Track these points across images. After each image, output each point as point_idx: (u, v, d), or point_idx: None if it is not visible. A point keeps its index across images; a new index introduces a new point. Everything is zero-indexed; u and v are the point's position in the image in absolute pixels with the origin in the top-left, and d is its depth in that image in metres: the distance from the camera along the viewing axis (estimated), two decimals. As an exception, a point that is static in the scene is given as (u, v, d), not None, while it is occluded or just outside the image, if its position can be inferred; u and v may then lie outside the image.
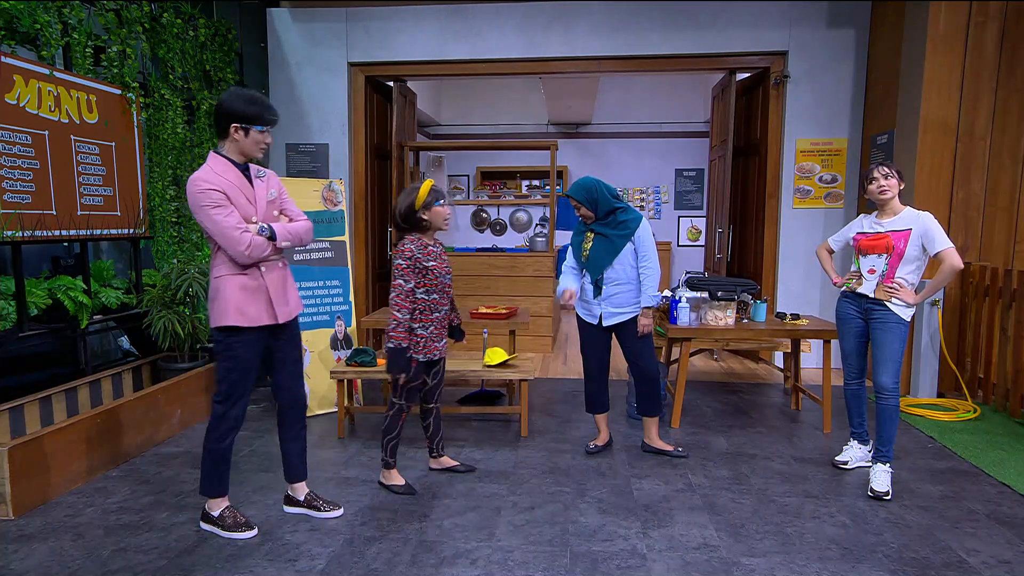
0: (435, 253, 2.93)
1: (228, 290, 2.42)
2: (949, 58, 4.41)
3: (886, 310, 3.02)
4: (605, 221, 3.28)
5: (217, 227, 2.34)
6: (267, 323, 2.50)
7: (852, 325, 3.19)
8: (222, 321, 2.43)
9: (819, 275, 5.48)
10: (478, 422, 4.04)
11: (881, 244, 3.03)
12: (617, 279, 3.27)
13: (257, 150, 2.47)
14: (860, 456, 3.29)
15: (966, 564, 2.38)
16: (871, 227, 3.11)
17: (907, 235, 2.98)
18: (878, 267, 3.06)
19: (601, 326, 3.35)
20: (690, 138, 9.09)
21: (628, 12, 5.41)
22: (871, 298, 3.07)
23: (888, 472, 3.00)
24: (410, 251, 2.85)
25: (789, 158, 5.41)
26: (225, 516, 2.59)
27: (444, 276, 2.95)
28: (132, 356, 4.37)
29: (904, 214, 3.04)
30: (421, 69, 5.78)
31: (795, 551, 2.47)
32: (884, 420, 3.01)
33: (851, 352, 3.23)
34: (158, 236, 4.42)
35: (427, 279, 2.88)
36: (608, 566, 2.35)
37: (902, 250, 2.98)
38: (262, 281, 2.48)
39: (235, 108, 2.38)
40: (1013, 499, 2.94)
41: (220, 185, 2.36)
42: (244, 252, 2.37)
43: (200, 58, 4.81)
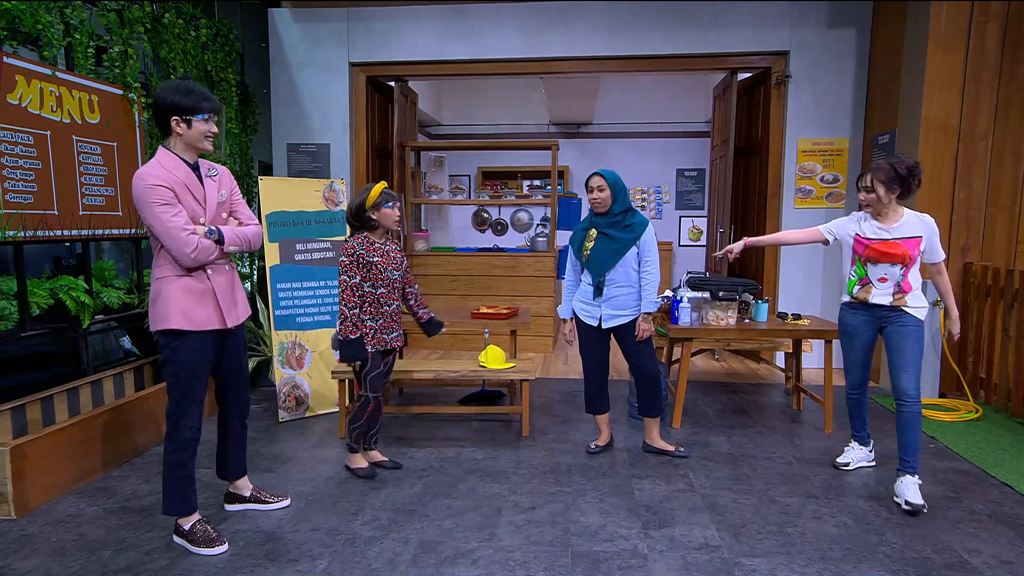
0: (381, 250, 3.06)
1: (171, 292, 2.33)
2: (950, 58, 4.41)
3: (904, 314, 2.93)
4: (613, 220, 3.24)
5: (163, 226, 2.24)
6: (216, 327, 2.42)
7: (862, 336, 3.07)
8: (164, 324, 2.33)
9: (821, 275, 5.48)
10: (479, 422, 4.04)
11: (897, 254, 2.89)
12: (619, 281, 3.26)
13: (203, 140, 2.36)
14: (861, 457, 3.27)
15: (968, 564, 2.38)
16: (875, 232, 2.96)
17: (918, 242, 2.89)
18: (892, 276, 2.94)
19: (600, 328, 3.35)
20: (691, 138, 9.09)
21: (629, 12, 5.41)
22: (887, 306, 2.96)
23: (918, 483, 2.85)
24: (352, 248, 2.99)
25: (790, 158, 5.40)
26: (196, 530, 2.47)
27: (390, 271, 3.06)
28: (134, 356, 4.37)
29: (910, 219, 2.93)
30: (422, 69, 5.79)
31: (796, 551, 2.47)
32: (908, 427, 2.86)
33: (857, 363, 3.13)
34: (159, 236, 4.42)
35: (371, 274, 3.00)
36: (609, 566, 2.35)
37: (916, 258, 2.90)
38: (208, 284, 2.40)
39: (170, 100, 2.28)
40: (1015, 499, 2.94)
41: (168, 181, 2.26)
42: (190, 254, 2.28)
43: (202, 58, 4.81)
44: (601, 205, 3.26)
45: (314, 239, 4.25)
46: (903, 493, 2.82)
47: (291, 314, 4.15)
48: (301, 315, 4.18)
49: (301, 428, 3.93)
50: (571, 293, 3.45)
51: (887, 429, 3.91)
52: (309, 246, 4.22)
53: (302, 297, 4.18)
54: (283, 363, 4.11)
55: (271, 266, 4.11)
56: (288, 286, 4.14)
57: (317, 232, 4.26)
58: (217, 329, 2.44)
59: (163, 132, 2.37)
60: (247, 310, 2.62)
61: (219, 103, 2.42)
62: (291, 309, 4.15)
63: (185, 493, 2.48)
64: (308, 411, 4.17)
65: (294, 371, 4.13)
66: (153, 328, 2.37)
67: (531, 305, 6.04)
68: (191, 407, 2.42)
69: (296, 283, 4.16)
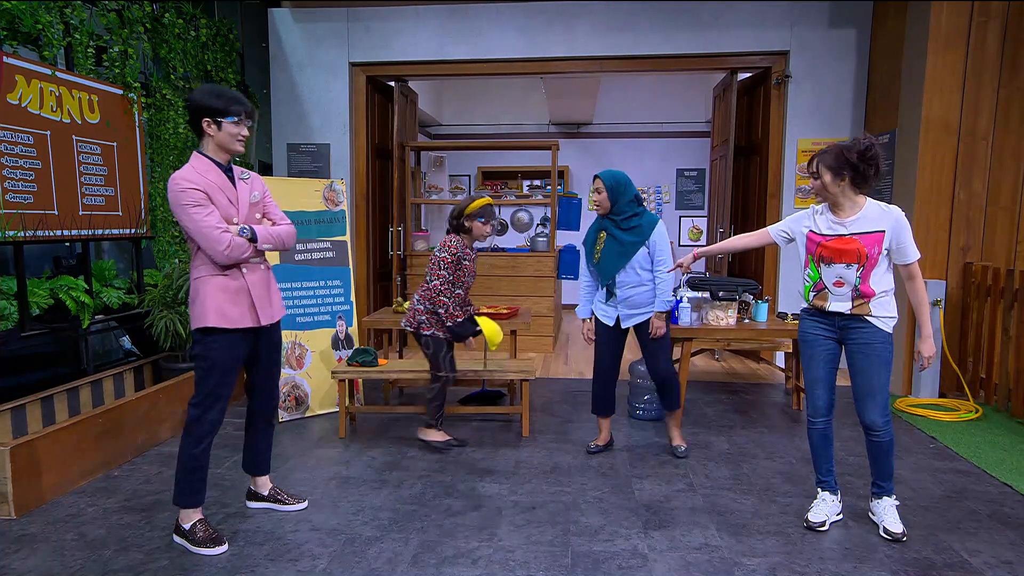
0: (470, 256, 3.48)
1: (208, 291, 2.38)
2: (951, 58, 4.41)
3: (866, 326, 2.52)
4: (618, 222, 3.23)
5: (196, 226, 2.31)
6: (250, 325, 2.46)
7: (821, 348, 2.64)
8: (201, 323, 2.38)
9: (820, 275, 5.47)
10: (479, 422, 4.04)
11: (851, 251, 2.47)
12: (629, 282, 3.25)
13: (234, 143, 2.41)
14: (834, 510, 2.71)
15: (968, 564, 2.37)
16: (829, 227, 2.54)
17: (880, 238, 2.46)
18: (848, 278, 2.50)
19: (618, 327, 3.34)
20: (691, 138, 9.08)
21: (629, 12, 5.41)
22: (845, 315, 2.55)
23: (895, 506, 2.62)
24: (455, 248, 3.37)
25: (790, 158, 5.40)
26: (196, 529, 2.47)
27: (468, 277, 3.49)
28: (134, 356, 4.38)
29: (871, 211, 2.49)
30: (422, 69, 5.79)
31: (796, 551, 2.47)
32: (879, 457, 2.60)
33: (819, 381, 2.65)
34: (159, 236, 4.42)
35: (458, 274, 3.38)
36: (609, 566, 2.35)
37: (876, 257, 2.47)
38: (243, 282, 2.45)
39: (203, 103, 2.34)
40: (1015, 499, 2.94)
41: (201, 184, 2.33)
42: (223, 251, 2.33)
43: (202, 58, 4.81)
44: (600, 208, 3.27)
45: (314, 239, 4.24)
46: (882, 519, 2.60)
47: (291, 314, 4.15)
48: (301, 315, 4.17)
49: (301, 428, 3.93)
50: (588, 293, 3.45)
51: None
52: (309, 246, 4.22)
53: (302, 297, 4.18)
54: (283, 363, 4.11)
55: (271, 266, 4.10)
56: (288, 286, 4.14)
57: (317, 232, 4.26)
58: (252, 327, 2.48)
59: (197, 134, 2.43)
60: (282, 309, 2.66)
61: (252, 106, 2.46)
62: (291, 309, 4.15)
63: (196, 485, 2.50)
64: (308, 411, 4.17)
65: (294, 371, 4.13)
66: (192, 326, 2.44)
67: (531, 305, 6.03)
68: (216, 403, 2.46)
69: (296, 283, 4.16)
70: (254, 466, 2.80)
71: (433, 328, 3.41)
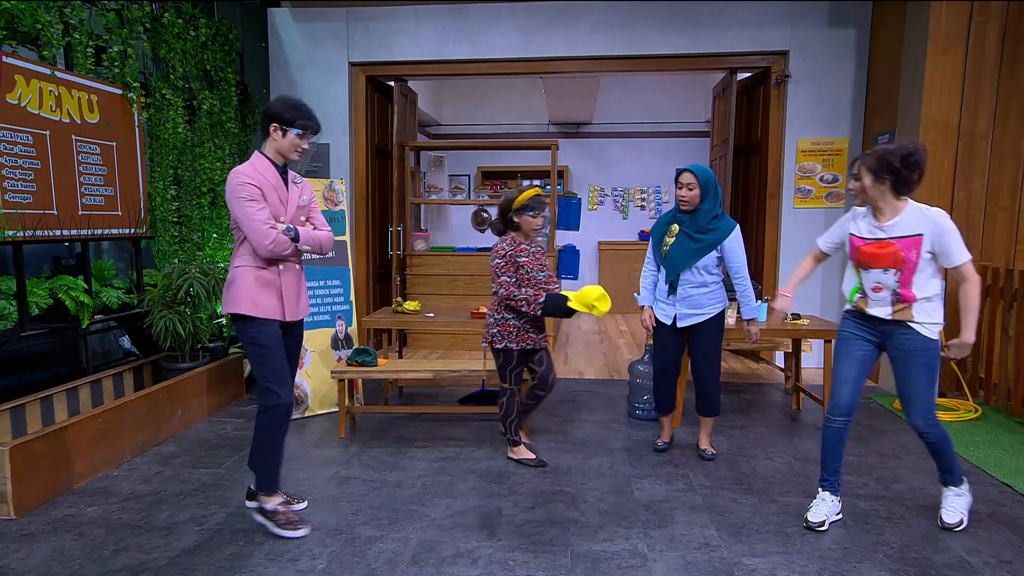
0: (528, 251, 3.22)
1: (244, 280, 2.53)
2: (950, 58, 4.41)
3: (908, 332, 2.50)
4: (697, 219, 3.18)
5: (248, 219, 2.46)
6: (277, 318, 2.59)
7: (856, 349, 2.63)
8: (234, 308, 2.53)
9: (820, 275, 5.48)
10: (479, 422, 4.04)
11: (887, 256, 2.45)
12: (693, 281, 3.22)
13: (293, 151, 2.57)
14: (832, 510, 2.69)
15: (967, 564, 2.38)
16: (869, 231, 2.53)
17: (918, 242, 2.42)
18: (886, 284, 2.49)
19: (675, 326, 3.32)
20: (691, 138, 9.09)
21: (629, 12, 5.41)
22: (887, 320, 2.54)
23: (960, 495, 2.65)
24: (503, 250, 3.17)
25: (790, 158, 5.40)
26: (279, 512, 2.61)
27: (535, 272, 3.21)
28: (133, 356, 4.37)
29: (908, 214, 2.46)
30: (422, 69, 5.78)
31: (796, 551, 2.47)
32: (934, 454, 2.63)
33: (847, 381, 2.62)
34: (159, 236, 4.42)
35: (519, 274, 3.16)
36: (609, 566, 2.35)
37: (914, 263, 2.43)
38: (277, 278, 2.59)
39: (276, 111, 2.53)
40: (1014, 499, 2.94)
41: (258, 181, 2.50)
42: (267, 245, 2.48)
43: (201, 58, 4.81)
44: (689, 204, 3.18)
45: (314, 239, 4.23)
46: (941, 507, 2.68)
47: (291, 314, 4.14)
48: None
49: (300, 428, 3.93)
50: (650, 283, 3.43)
51: (886, 429, 3.91)
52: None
53: (302, 297, 4.17)
54: (283, 363, 4.10)
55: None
56: (288, 286, 4.14)
57: (317, 232, 4.25)
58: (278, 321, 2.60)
59: (263, 135, 2.60)
60: (307, 308, 2.78)
61: (319, 126, 2.65)
62: (291, 309, 4.14)
63: (277, 469, 2.63)
64: (307, 411, 4.16)
65: (294, 371, 4.13)
66: (225, 310, 2.57)
67: (531, 305, 6.03)
68: (283, 382, 2.58)
69: (296, 283, 4.16)
70: None
71: (505, 340, 3.20)
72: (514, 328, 3.20)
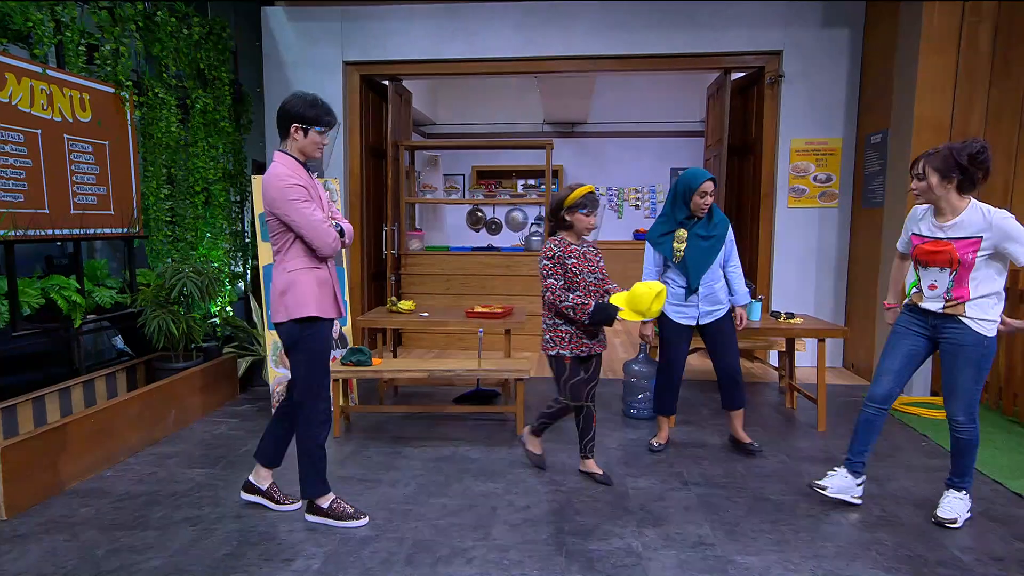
0: (577, 252, 2.99)
1: (306, 283, 2.51)
2: (943, 58, 4.43)
3: (960, 327, 2.51)
4: (705, 221, 3.28)
5: (307, 220, 2.43)
6: (334, 316, 2.62)
7: (907, 341, 2.67)
8: (302, 312, 2.49)
9: (814, 274, 5.50)
10: (474, 421, 4.04)
11: (943, 256, 2.47)
12: (712, 279, 3.32)
13: (315, 150, 2.55)
14: (844, 487, 2.81)
15: (960, 562, 2.39)
16: (930, 230, 2.55)
17: (976, 244, 2.42)
18: (940, 283, 2.52)
19: (695, 326, 3.39)
20: (686, 137, 9.10)
21: (625, 11, 5.41)
22: (939, 314, 2.56)
23: (960, 500, 2.67)
24: (551, 250, 2.96)
25: (784, 157, 5.42)
26: (335, 507, 2.66)
27: (585, 274, 2.97)
28: (127, 356, 4.35)
29: (969, 215, 2.46)
30: (417, 68, 5.78)
31: (790, 549, 2.48)
32: (957, 452, 2.65)
33: (887, 372, 2.68)
34: (152, 235, 4.40)
35: (567, 276, 2.93)
36: (603, 564, 2.36)
37: (971, 263, 2.45)
38: (329, 276, 2.60)
39: (296, 110, 2.49)
40: (1006, 497, 2.96)
41: (304, 182, 2.48)
42: (331, 244, 2.49)
43: (194, 56, 4.78)
44: (706, 209, 3.27)
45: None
46: (939, 504, 2.71)
47: (285, 313, 4.13)
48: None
49: (295, 428, 3.92)
50: None
51: (880, 427, 3.93)
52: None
53: (296, 296, 4.16)
54: (277, 362, 4.09)
55: (264, 265, 4.09)
56: (282, 285, 4.12)
57: (311, 231, 4.24)
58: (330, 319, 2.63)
59: (282, 135, 2.56)
60: None
61: (336, 120, 2.60)
62: (285, 308, 4.13)
63: (323, 474, 2.66)
64: (302, 411, 4.15)
65: (288, 370, 4.11)
66: (288, 317, 2.51)
67: (526, 304, 6.03)
68: (325, 390, 2.61)
69: (290, 282, 4.14)
70: (271, 456, 2.81)
71: (557, 347, 2.98)
72: (566, 334, 2.97)
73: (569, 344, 2.97)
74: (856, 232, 5.33)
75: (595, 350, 3.05)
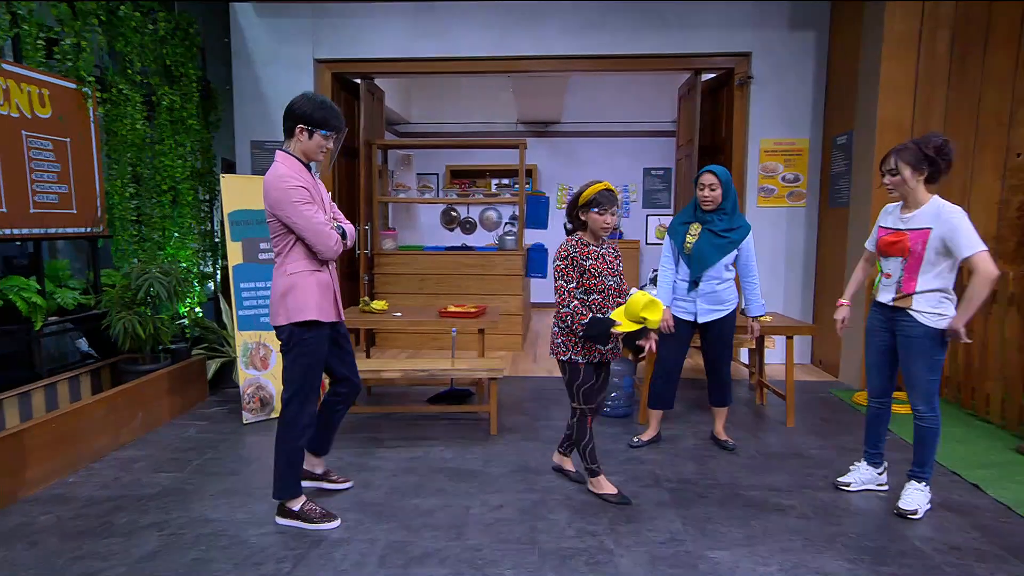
0: (596, 253, 2.81)
1: (307, 286, 2.49)
2: (904, 62, 4.55)
3: (910, 320, 2.64)
4: (722, 219, 3.31)
5: (308, 222, 2.41)
6: (335, 320, 2.61)
7: (876, 338, 2.82)
8: (303, 316, 2.47)
9: (783, 272, 5.60)
10: (448, 421, 4.03)
11: (898, 246, 2.63)
12: (714, 277, 3.34)
13: (318, 153, 2.54)
14: (868, 479, 2.99)
15: (920, 551, 2.46)
16: (894, 223, 2.71)
17: (926, 235, 2.56)
18: (894, 273, 2.68)
19: (693, 323, 3.42)
20: (658, 137, 9.19)
21: (597, 12, 5.45)
22: (890, 306, 2.72)
23: (920, 491, 2.76)
24: (566, 250, 2.78)
25: (753, 157, 5.51)
26: (307, 510, 2.64)
27: (604, 276, 2.81)
28: (91, 358, 4.24)
29: (926, 208, 2.61)
30: (389, 67, 5.74)
31: (759, 543, 2.52)
32: (917, 441, 2.75)
33: (872, 367, 2.87)
34: (117, 235, 4.29)
35: (584, 278, 2.77)
36: (576, 562, 2.37)
37: (920, 253, 2.58)
38: (330, 279, 2.60)
39: (303, 111, 2.47)
40: (963, 487, 3.06)
41: (306, 183, 2.45)
42: (333, 247, 2.48)
43: (160, 52, 4.68)
44: (712, 203, 3.28)
45: (279, 238, 4.17)
46: (901, 496, 2.80)
47: (255, 314, 4.08)
48: (265, 315, 4.11)
49: (266, 430, 3.87)
50: (668, 284, 3.47)
51: (847, 423, 4.03)
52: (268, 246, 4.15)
53: (266, 297, 4.11)
54: (247, 364, 4.04)
55: (234, 265, 4.03)
56: (252, 285, 4.07)
57: (282, 231, 4.19)
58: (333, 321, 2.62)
59: (286, 135, 2.54)
60: None
61: (344, 125, 2.59)
62: (255, 309, 4.08)
63: (298, 477, 2.65)
64: (273, 412, 4.10)
65: (259, 372, 4.06)
66: (287, 320, 2.49)
67: (500, 304, 6.03)
68: (312, 395, 2.58)
69: (260, 282, 4.09)
70: (322, 446, 2.92)
71: (570, 352, 2.81)
72: (581, 338, 2.80)
73: (583, 349, 2.81)
74: (823, 231, 5.45)
75: (608, 357, 2.88)
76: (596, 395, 2.91)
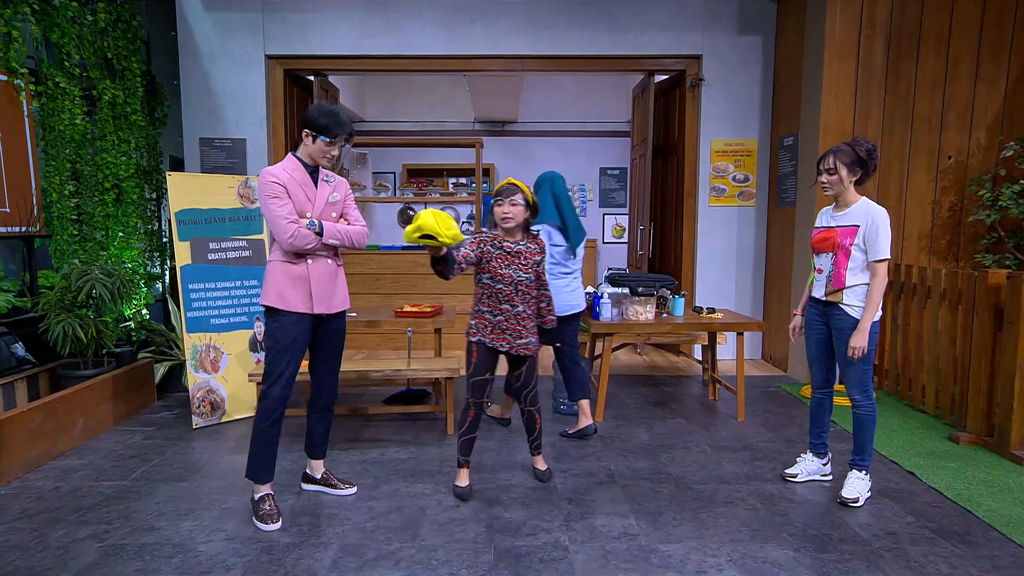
0: (512, 248, 2.80)
1: (275, 274, 2.64)
2: (844, 67, 4.73)
3: (842, 314, 2.80)
4: None
5: (270, 215, 2.57)
6: (303, 311, 2.64)
7: (814, 331, 2.96)
8: (263, 300, 2.67)
9: (734, 270, 5.75)
10: (403, 421, 4.00)
11: (828, 242, 2.79)
12: None
13: (321, 157, 2.66)
14: (813, 469, 3.11)
15: (860, 538, 2.57)
16: (827, 221, 2.88)
17: (854, 232, 2.74)
18: (825, 268, 2.84)
19: None
20: (614, 137, 9.31)
21: (549, 11, 5.48)
22: (824, 301, 2.87)
23: (861, 480, 2.88)
24: (483, 232, 2.86)
25: (705, 158, 5.64)
26: (260, 504, 2.68)
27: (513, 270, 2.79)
28: (28, 364, 4.05)
29: (856, 207, 2.77)
30: (342, 64, 5.65)
31: (709, 535, 2.59)
32: (856, 428, 2.88)
33: (814, 360, 3.00)
34: (56, 234, 4.12)
35: (490, 267, 2.79)
36: (531, 559, 2.39)
37: (848, 248, 2.75)
38: (306, 272, 2.65)
39: (310, 116, 2.63)
40: (900, 475, 3.20)
41: (283, 179, 2.59)
42: (287, 239, 2.57)
43: (100, 45, 4.51)
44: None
45: (228, 238, 4.07)
46: (843, 486, 2.90)
47: (204, 316, 3.96)
48: (215, 316, 4.00)
49: (216, 434, 3.77)
50: None
51: (793, 416, 4.16)
52: (223, 245, 4.04)
53: (216, 298, 4.00)
54: (196, 367, 3.92)
55: (182, 266, 3.91)
56: (201, 286, 3.95)
57: (232, 230, 4.09)
58: (311, 314, 2.66)
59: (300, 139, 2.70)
60: (344, 302, 2.81)
61: (350, 133, 2.68)
62: (204, 310, 3.97)
63: (261, 461, 2.67)
64: (224, 416, 4.00)
65: (209, 375, 3.95)
66: (260, 302, 2.70)
67: (456, 303, 6.02)
68: (279, 380, 2.62)
69: (210, 283, 3.98)
70: (308, 448, 2.97)
71: (479, 334, 2.84)
72: (489, 323, 2.82)
73: (491, 334, 2.82)
74: (771, 230, 5.62)
75: (519, 350, 2.85)
76: (484, 389, 2.86)
